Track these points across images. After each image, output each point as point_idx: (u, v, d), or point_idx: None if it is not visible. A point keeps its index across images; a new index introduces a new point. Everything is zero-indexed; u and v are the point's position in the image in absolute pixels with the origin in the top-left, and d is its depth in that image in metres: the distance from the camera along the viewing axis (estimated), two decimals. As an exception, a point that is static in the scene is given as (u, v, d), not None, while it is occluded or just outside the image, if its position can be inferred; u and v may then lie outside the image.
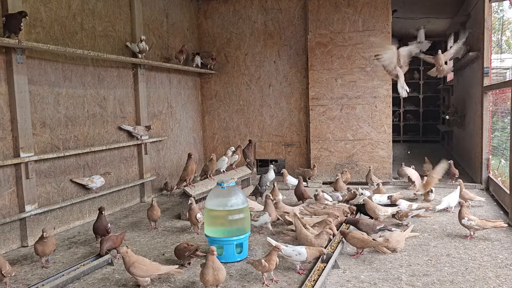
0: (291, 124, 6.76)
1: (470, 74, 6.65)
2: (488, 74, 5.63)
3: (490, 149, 5.69)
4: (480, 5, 5.78)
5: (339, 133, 6.36)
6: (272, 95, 6.82)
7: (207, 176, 5.00)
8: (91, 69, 4.72)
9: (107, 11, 4.96)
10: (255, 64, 6.86)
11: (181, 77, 6.56)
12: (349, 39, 6.19)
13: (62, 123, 4.33)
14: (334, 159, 6.41)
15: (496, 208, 4.76)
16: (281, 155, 6.86)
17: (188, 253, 3.17)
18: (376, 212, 4.10)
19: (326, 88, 6.35)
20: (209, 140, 7.26)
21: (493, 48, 6.45)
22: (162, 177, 6.03)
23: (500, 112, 5.64)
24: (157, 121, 5.92)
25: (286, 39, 6.66)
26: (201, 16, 7.04)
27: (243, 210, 3.40)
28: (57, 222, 4.27)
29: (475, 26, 6.29)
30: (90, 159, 4.71)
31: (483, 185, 5.68)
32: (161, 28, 6.03)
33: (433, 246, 3.60)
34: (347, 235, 3.42)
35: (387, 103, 6.16)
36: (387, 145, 6.21)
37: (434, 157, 8.79)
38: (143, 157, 5.52)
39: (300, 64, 6.61)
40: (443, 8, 8.25)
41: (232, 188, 3.43)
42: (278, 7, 6.64)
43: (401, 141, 11.82)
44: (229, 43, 6.95)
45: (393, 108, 6.45)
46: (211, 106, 7.18)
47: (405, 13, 8.33)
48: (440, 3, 7.88)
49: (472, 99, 6.42)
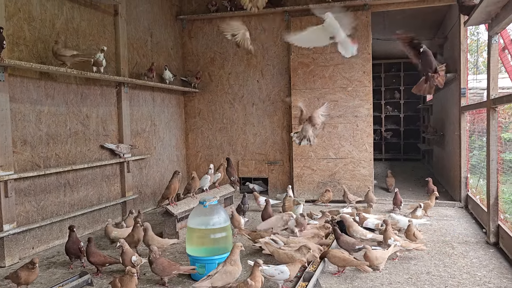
0: (274, 142, 6.82)
1: (448, 94, 6.85)
2: (465, 94, 5.81)
3: (469, 167, 5.83)
4: (456, 28, 6.00)
5: (321, 151, 6.44)
6: (255, 114, 6.89)
7: (190, 194, 4.99)
8: (74, 87, 4.72)
9: (91, 30, 4.99)
10: (238, 83, 6.93)
11: (165, 95, 6.58)
12: (331, 59, 6.33)
13: (43, 141, 4.29)
14: (317, 177, 6.47)
15: (475, 225, 4.86)
16: (264, 173, 6.89)
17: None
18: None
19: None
20: (192, 158, 7.25)
21: (471, 69, 6.68)
22: (144, 196, 5.99)
23: (477, 132, 5.80)
24: (140, 139, 5.91)
25: (269, 59, 6.77)
26: (186, 35, 7.12)
27: (225, 228, 3.40)
28: (36, 242, 4.18)
29: (452, 48, 6.52)
30: (72, 177, 4.66)
31: (462, 203, 5.80)
32: (145, 47, 6.07)
33: (414, 264, 3.65)
34: (327, 253, 3.44)
35: (368, 122, 6.28)
36: (368, 164, 6.31)
37: (415, 175, 8.99)
38: (126, 175, 5.48)
39: (283, 84, 6.71)
40: (422, 31, 8.54)
41: (214, 206, 3.44)
42: (262, 27, 6.76)
43: (382, 159, 11.99)
44: (213, 62, 7.03)
45: (374, 127, 6.58)
46: (194, 124, 7.20)
47: (385, 34, 8.58)
48: (419, 27, 8.15)
49: (450, 119, 6.59)
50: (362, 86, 6.26)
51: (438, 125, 8.12)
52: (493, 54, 4.11)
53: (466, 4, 4.36)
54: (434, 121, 8.92)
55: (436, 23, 7.86)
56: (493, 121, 4.07)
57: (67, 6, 4.63)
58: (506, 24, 3.77)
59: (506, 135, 6.45)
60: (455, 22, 6.10)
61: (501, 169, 4.32)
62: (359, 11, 6.22)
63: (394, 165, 10.93)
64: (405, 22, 7.80)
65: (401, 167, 10.50)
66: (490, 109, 4.08)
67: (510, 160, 5.97)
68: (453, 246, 4.11)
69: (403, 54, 9.64)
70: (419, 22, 7.80)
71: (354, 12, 6.21)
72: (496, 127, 4.08)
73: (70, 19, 4.67)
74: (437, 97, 8.47)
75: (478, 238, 4.34)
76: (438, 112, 8.27)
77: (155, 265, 3.18)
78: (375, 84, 11.77)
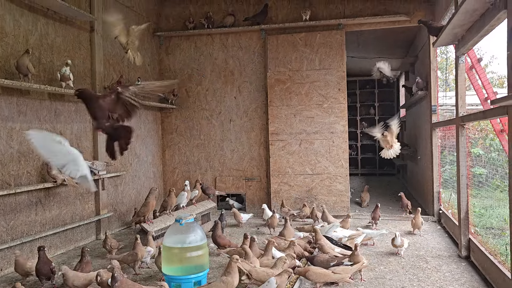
0: (252, 158, 6.85)
1: (420, 111, 7.05)
2: (436, 111, 6.00)
3: (441, 182, 5.98)
4: (426, 48, 6.22)
5: (298, 167, 6.50)
6: (232, 130, 6.91)
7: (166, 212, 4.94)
8: (47, 104, 4.64)
9: (66, 46, 4.94)
10: (216, 100, 6.96)
11: (142, 111, 6.54)
12: (307, 77, 6.45)
13: (14, 158, 4.19)
14: (294, 193, 6.51)
15: (448, 239, 4.96)
16: (242, 189, 6.88)
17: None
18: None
19: (285, 123, 6.53)
20: (169, 175, 7.19)
21: (442, 86, 6.91)
22: (120, 213, 5.88)
23: (449, 146, 5.98)
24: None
25: (246, 75, 6.84)
26: (163, 52, 7.13)
27: (201, 247, 3.37)
28: (5, 263, 4.04)
29: (422, 67, 6.74)
30: (44, 195, 4.55)
31: (435, 217, 5.93)
32: (121, 63, 6.04)
33: (389, 279, 3.69)
34: (307, 271, 3.44)
35: (344, 138, 6.39)
36: (344, 179, 6.40)
37: (390, 189, 9.14)
38: (100, 192, 5.39)
39: (260, 100, 6.78)
40: (394, 50, 8.81)
41: (190, 224, 3.42)
42: (239, 45, 6.84)
43: (359, 174, 12.16)
44: (190, 78, 7.05)
45: (350, 142, 6.70)
46: (171, 141, 7.16)
47: (359, 52, 8.81)
48: (391, 46, 8.41)
49: (423, 135, 6.78)
50: (338, 103, 6.38)
51: (411, 140, 8.33)
52: (461, 73, 4.28)
53: (434, 26, 4.54)
54: (407, 137, 9.14)
55: (407, 42, 8.12)
56: (462, 137, 4.21)
57: (41, 22, 4.58)
58: (471, 45, 3.94)
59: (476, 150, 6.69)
60: (425, 42, 6.33)
61: (471, 183, 4.46)
62: (333, 30, 6.38)
63: (370, 179, 11.10)
64: (378, 41, 8.05)
65: (377, 181, 10.66)
66: (459, 126, 4.22)
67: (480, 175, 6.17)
68: (426, 260, 4.18)
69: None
70: (391, 42, 8.05)
71: (329, 31, 6.38)
72: (465, 144, 4.22)
73: (44, 35, 4.62)
74: (410, 113, 8.70)
75: (450, 252, 4.44)
76: (411, 128, 8.49)
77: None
78: (351, 100, 12.02)
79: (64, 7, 4.61)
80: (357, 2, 6.40)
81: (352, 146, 12.05)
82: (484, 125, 6.42)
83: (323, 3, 6.50)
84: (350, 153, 11.84)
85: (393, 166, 12.15)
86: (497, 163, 6.12)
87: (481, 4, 3.15)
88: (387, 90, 12.19)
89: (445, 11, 5.17)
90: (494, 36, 3.96)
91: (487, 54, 17.30)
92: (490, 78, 12.10)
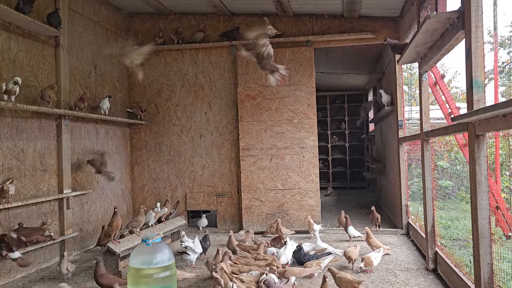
0: (223, 174, 6.79)
1: (388, 126, 7.21)
2: (402, 126, 6.15)
3: (409, 195, 6.10)
4: (392, 65, 6.39)
5: (269, 182, 6.49)
6: (203, 146, 6.86)
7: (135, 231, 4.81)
8: (8, 120, 4.47)
9: (29, 61, 4.80)
10: (186, 115, 6.90)
11: (109, 127, 6.41)
12: (277, 92, 6.50)
13: (-29, 178, 4.00)
14: (265, 208, 6.48)
15: (416, 252, 5.04)
16: (213, 205, 6.80)
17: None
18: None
19: (256, 139, 6.53)
20: (138, 192, 7.04)
21: (409, 100, 7.09)
22: (86, 233, 5.69)
23: (416, 160, 6.12)
24: (81, 173, 5.66)
25: (217, 91, 6.83)
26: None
27: (169, 267, 3.28)
28: (-41, 290, 3.82)
29: (389, 82, 6.91)
30: (4, 216, 4.35)
31: (404, 230, 6.02)
32: (88, 79, 5.92)
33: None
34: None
35: (314, 153, 6.44)
36: (315, 194, 6.43)
37: (360, 202, 9.26)
38: (65, 212, 5.20)
39: (231, 116, 6.77)
40: (362, 66, 9.01)
41: (157, 244, 3.32)
42: (209, 60, 6.84)
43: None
44: (160, 94, 6.98)
45: (321, 156, 6.76)
46: (140, 157, 7.03)
47: (328, 68, 8.97)
48: (359, 62, 8.60)
49: (390, 149, 6.92)
50: (307, 118, 6.44)
51: (380, 154, 8.49)
52: (424, 90, 4.40)
53: (398, 44, 4.68)
54: (376, 151, 9.32)
55: (374, 59, 8.33)
56: (427, 152, 4.31)
57: (3, 36, 4.44)
58: (434, 63, 4.07)
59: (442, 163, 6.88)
60: (391, 59, 6.51)
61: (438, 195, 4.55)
62: (302, 47, 6.48)
63: (341, 193, 11.22)
64: (346, 58, 8.22)
65: (347, 195, 10.80)
66: (423, 141, 4.33)
67: (446, 187, 6.34)
68: (395, 274, 4.22)
69: (346, 86, 10.07)
70: (359, 58, 8.24)
71: (298, 48, 6.47)
72: (430, 158, 4.32)
73: (6, 49, 4.48)
74: (378, 128, 8.88)
75: (418, 265, 4.50)
76: (380, 142, 8.66)
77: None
78: (322, 115, 12.21)
79: (26, 22, 4.49)
80: (325, 20, 6.53)
81: (324, 161, 12.18)
82: (449, 138, 6.61)
83: (292, 20, 6.60)
84: (321, 168, 11.97)
85: (364, 180, 12.34)
86: (462, 175, 6.31)
87: (441, 24, 3.27)
88: (357, 105, 12.43)
89: (409, 30, 5.34)
90: (457, 53, 4.11)
91: (451, 70, 17.98)
92: (454, 94, 12.55)
